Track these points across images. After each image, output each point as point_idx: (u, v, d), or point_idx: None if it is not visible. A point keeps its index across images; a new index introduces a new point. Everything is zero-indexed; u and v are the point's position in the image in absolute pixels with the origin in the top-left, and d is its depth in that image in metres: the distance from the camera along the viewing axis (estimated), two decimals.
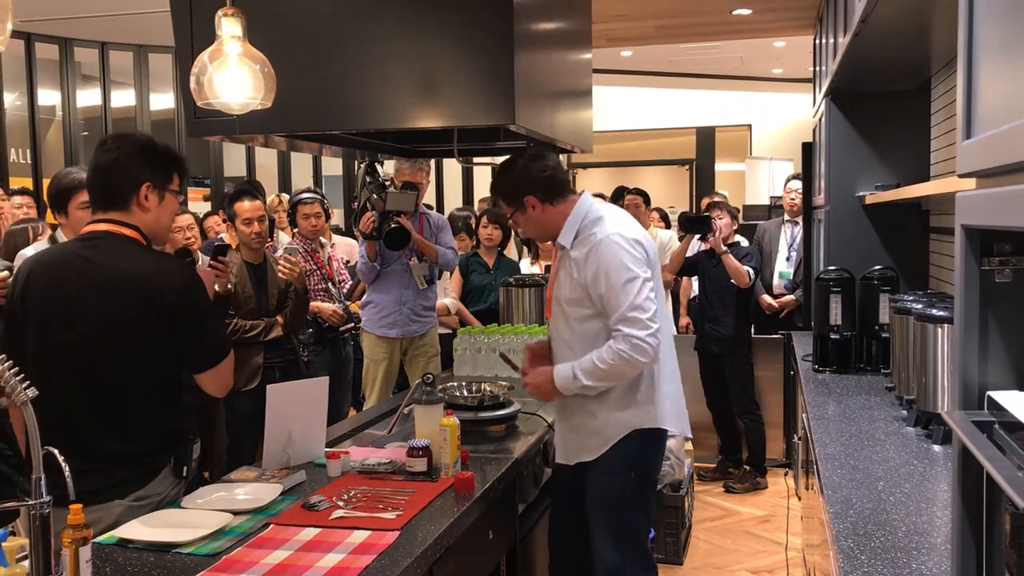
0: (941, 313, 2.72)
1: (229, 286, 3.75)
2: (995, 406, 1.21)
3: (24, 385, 1.65)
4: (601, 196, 6.64)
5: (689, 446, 5.07)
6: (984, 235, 1.27)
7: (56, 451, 1.68)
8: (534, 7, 2.99)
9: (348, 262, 5.54)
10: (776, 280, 5.98)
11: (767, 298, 5.90)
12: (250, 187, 4.85)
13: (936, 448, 2.62)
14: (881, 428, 2.88)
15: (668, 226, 6.57)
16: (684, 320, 6.39)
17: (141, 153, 2.38)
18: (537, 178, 2.81)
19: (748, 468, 5.59)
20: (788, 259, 5.96)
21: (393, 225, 4.26)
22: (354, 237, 5.99)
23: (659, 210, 6.83)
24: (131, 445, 2.31)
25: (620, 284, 2.64)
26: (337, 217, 8.61)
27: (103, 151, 2.37)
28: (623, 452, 2.77)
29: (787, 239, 5.99)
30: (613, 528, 2.79)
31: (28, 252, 3.59)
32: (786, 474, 5.65)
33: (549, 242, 3.09)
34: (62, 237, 3.32)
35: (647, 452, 2.83)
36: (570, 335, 2.81)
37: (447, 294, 5.42)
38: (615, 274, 2.65)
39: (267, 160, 9.80)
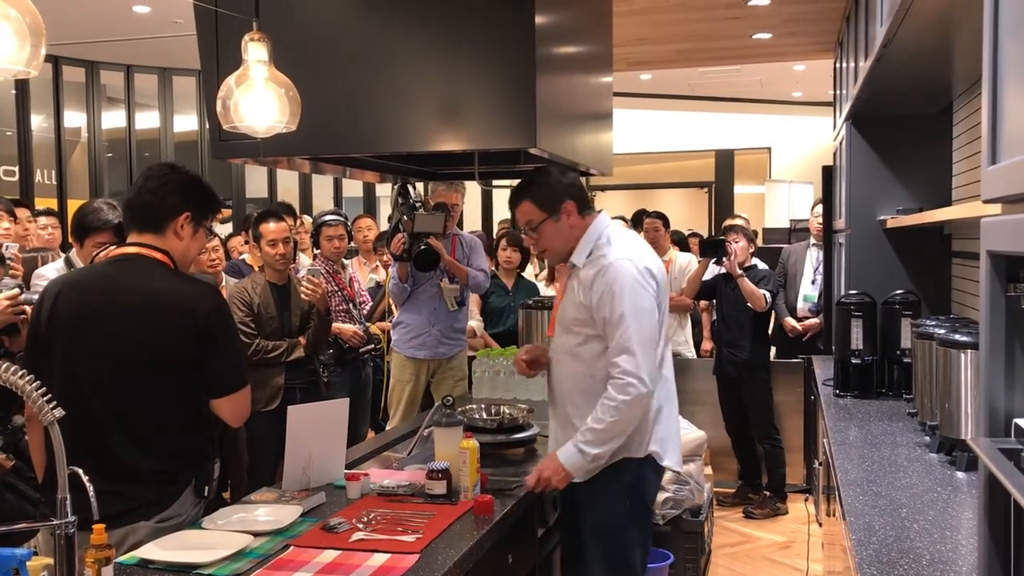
0: (964, 338, 2.69)
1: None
2: (1022, 433, 1.20)
3: (51, 405, 1.67)
4: (622, 219, 6.65)
5: (709, 471, 5.03)
6: (1010, 261, 1.27)
7: (80, 471, 1.69)
8: (556, 32, 3.02)
9: (379, 284, 5.58)
10: (801, 303, 5.95)
11: (791, 321, 5.87)
12: (280, 208, 4.88)
13: (960, 475, 2.59)
14: (904, 454, 2.86)
15: (684, 250, 6.56)
16: (708, 344, 6.36)
17: (189, 185, 2.45)
18: (574, 186, 2.79)
19: (768, 493, 5.54)
20: (813, 282, 5.93)
21: (423, 246, 4.27)
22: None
23: (676, 233, 6.83)
24: (156, 464, 2.32)
25: (619, 315, 2.59)
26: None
27: (152, 176, 2.43)
28: (617, 478, 2.70)
29: (813, 262, 5.96)
30: (608, 558, 2.73)
31: (46, 272, 3.63)
32: (806, 499, 5.60)
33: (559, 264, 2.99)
34: (76, 260, 3.36)
35: (642, 480, 2.75)
36: (576, 351, 2.75)
37: (472, 316, 5.43)
38: (618, 302, 2.60)
39: (289, 182, 9.89)
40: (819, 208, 6.07)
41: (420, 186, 4.58)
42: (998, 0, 1.28)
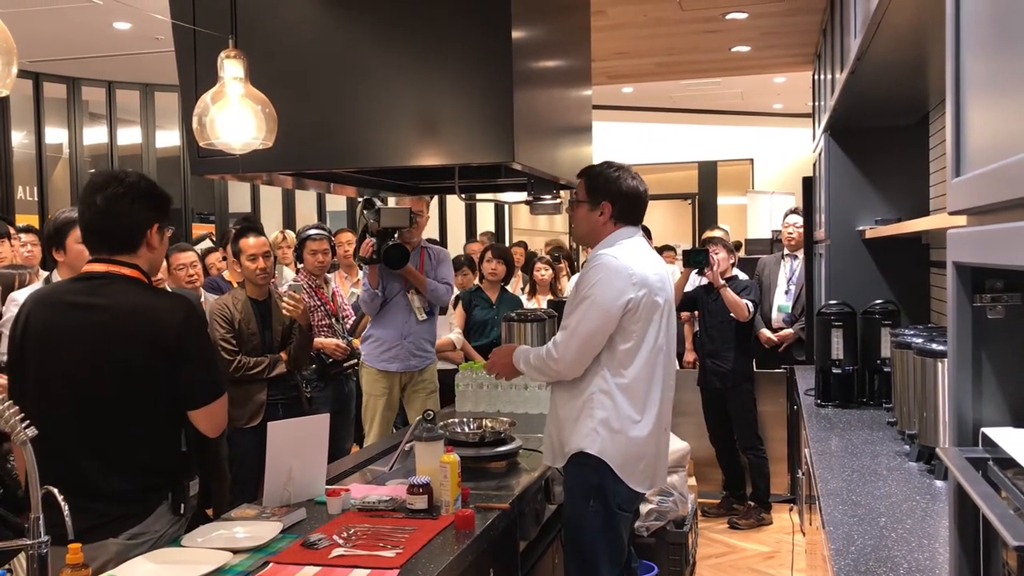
0: (941, 348, 2.71)
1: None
2: (989, 443, 1.22)
3: (24, 425, 1.66)
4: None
5: (693, 482, 5.04)
6: (976, 272, 1.28)
7: (55, 490, 1.68)
8: (533, 47, 3.03)
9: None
10: (775, 314, 5.98)
11: (766, 332, 5.89)
12: (254, 224, 4.86)
13: (938, 483, 2.61)
14: (883, 463, 2.87)
15: None
16: (691, 356, 6.37)
17: (148, 194, 2.38)
18: (625, 196, 2.90)
19: (752, 504, 5.55)
20: (787, 292, 5.96)
21: (391, 242, 4.31)
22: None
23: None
24: (128, 483, 2.30)
25: (578, 300, 2.78)
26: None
27: (105, 195, 2.33)
28: (583, 477, 2.78)
29: (786, 273, 6.00)
30: (577, 556, 2.82)
31: (19, 296, 3.60)
32: (791, 509, 5.61)
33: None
34: (57, 278, 3.33)
35: (608, 485, 2.77)
36: None
37: (452, 329, 5.43)
38: (584, 286, 2.78)
39: (273, 196, 9.88)
40: (791, 218, 6.10)
41: (392, 201, 4.64)
42: (959, 16, 1.30)
